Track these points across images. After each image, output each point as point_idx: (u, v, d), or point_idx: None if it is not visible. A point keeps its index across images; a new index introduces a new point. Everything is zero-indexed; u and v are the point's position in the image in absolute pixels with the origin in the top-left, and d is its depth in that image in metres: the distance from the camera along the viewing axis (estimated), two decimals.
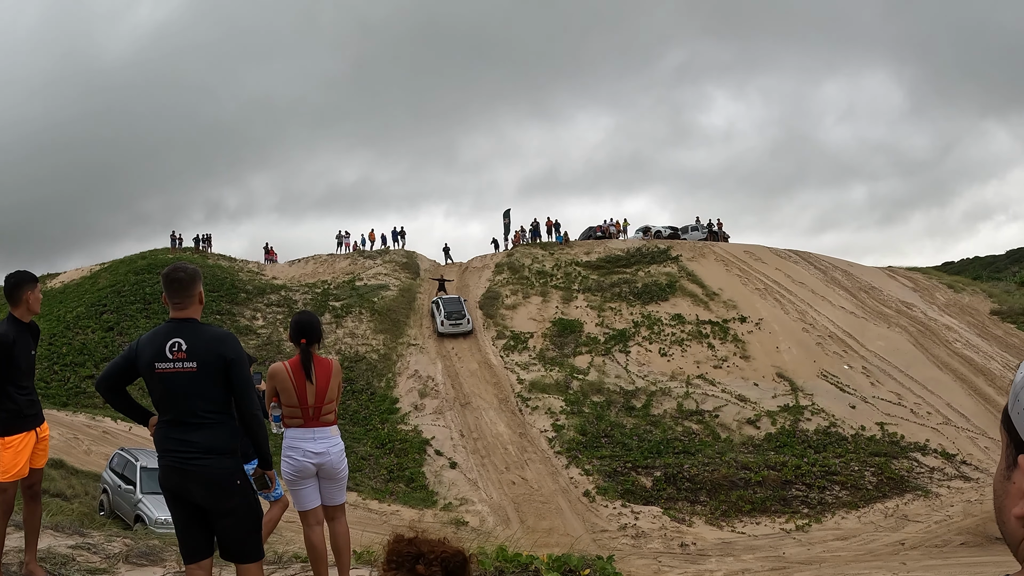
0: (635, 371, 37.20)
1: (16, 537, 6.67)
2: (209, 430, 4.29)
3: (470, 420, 33.69)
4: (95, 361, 39.25)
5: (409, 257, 55.81)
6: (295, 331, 5.70)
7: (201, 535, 4.41)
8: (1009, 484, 1.03)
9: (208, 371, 4.28)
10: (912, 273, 48.55)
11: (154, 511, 17.29)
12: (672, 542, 24.33)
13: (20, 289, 5.54)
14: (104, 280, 49.81)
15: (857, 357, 36.69)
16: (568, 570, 4.71)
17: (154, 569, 6.23)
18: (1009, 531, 1.03)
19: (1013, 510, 1.01)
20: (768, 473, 27.96)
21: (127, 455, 19.88)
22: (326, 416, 5.61)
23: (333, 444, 5.59)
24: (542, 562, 4.85)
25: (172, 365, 4.30)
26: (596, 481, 28.38)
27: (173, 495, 4.41)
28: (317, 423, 5.55)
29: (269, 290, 48.28)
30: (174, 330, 4.40)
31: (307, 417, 5.54)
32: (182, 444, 4.31)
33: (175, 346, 4.32)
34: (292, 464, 5.49)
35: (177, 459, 4.32)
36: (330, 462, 5.55)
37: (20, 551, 6.16)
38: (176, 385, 4.32)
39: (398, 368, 39.40)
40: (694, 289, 44.86)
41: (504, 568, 4.94)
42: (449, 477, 29.56)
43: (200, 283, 4.59)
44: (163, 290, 4.55)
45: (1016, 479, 1.01)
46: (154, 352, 4.35)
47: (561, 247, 53.47)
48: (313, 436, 5.53)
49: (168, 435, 4.38)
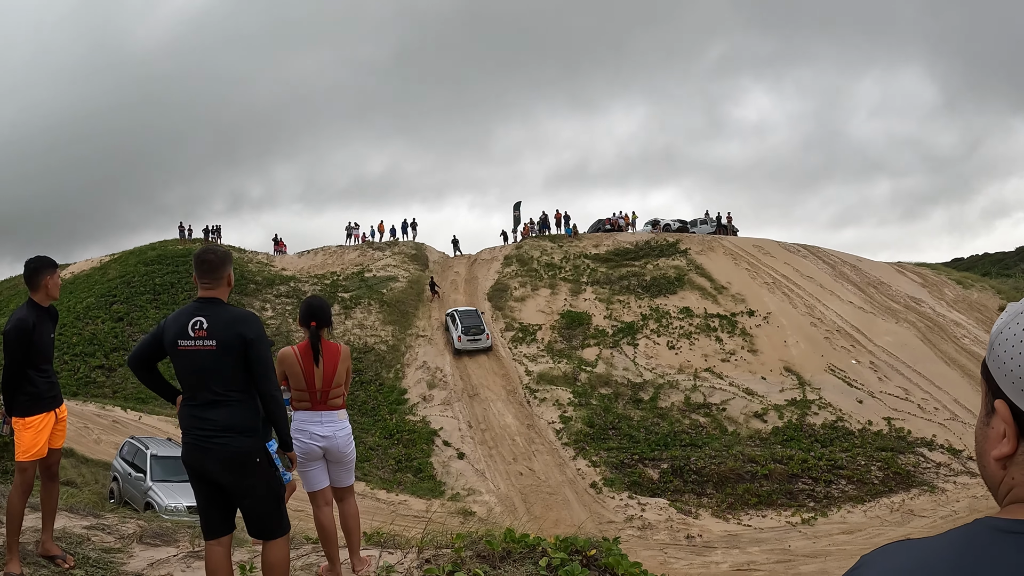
0: (643, 364, 37.25)
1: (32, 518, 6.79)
2: (228, 408, 4.36)
3: (478, 411, 33.80)
4: (104, 351, 39.50)
5: (418, 249, 55.88)
6: (305, 314, 5.77)
7: (220, 513, 4.49)
8: (988, 429, 1.10)
9: (227, 350, 4.35)
10: (921, 269, 48.40)
11: (164, 498, 17.44)
12: (678, 534, 24.41)
13: (39, 274, 5.63)
14: (114, 271, 50.05)
15: (865, 352, 36.65)
16: (574, 550, 4.80)
17: (167, 549, 6.33)
18: (989, 474, 1.11)
19: (992, 452, 1.08)
20: (774, 467, 28.00)
21: (137, 443, 20.04)
22: (334, 400, 5.69)
23: (340, 428, 5.67)
24: (549, 543, 4.93)
25: (193, 343, 4.39)
26: (603, 473, 28.47)
27: (194, 472, 4.50)
28: (324, 407, 5.63)
29: (278, 281, 48.43)
30: (198, 309, 4.49)
31: (314, 401, 5.61)
32: (202, 422, 4.39)
33: (197, 324, 4.41)
34: (298, 446, 5.57)
35: (197, 437, 4.41)
36: (336, 445, 5.62)
37: (36, 531, 6.28)
38: (196, 363, 4.41)
39: (406, 359, 39.53)
40: (702, 283, 44.85)
41: (511, 549, 5.02)
42: (457, 468, 29.68)
43: (230, 266, 4.65)
44: (193, 271, 4.63)
45: (994, 424, 1.09)
46: (178, 330, 4.45)
47: (570, 240, 53.48)
48: (320, 419, 5.61)
49: (190, 413, 4.46)
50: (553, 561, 4.63)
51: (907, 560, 1.05)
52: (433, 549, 5.60)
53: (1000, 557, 0.98)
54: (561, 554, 4.69)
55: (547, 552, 4.80)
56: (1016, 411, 1.04)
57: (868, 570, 1.08)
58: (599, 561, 4.79)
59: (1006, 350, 1.06)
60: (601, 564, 4.77)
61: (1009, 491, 1.07)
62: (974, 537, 1.03)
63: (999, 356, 1.07)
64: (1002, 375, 1.06)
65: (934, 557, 1.03)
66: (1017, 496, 1.05)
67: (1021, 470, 1.05)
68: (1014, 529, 1.01)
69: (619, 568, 4.69)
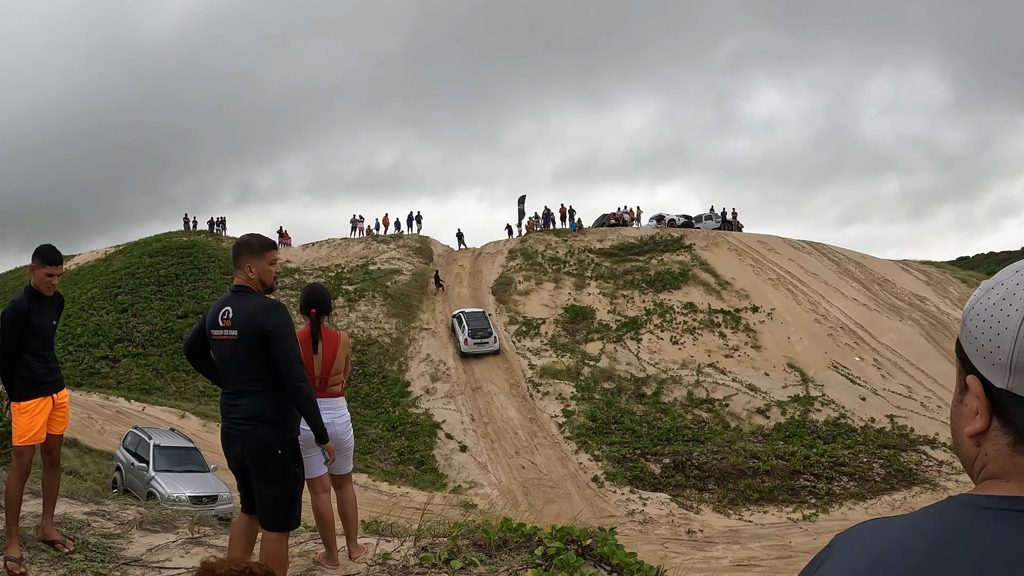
0: (646, 359, 37.25)
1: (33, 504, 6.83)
2: (252, 398, 4.41)
3: (481, 404, 33.84)
4: (109, 342, 39.61)
5: (423, 242, 55.93)
6: (305, 301, 5.80)
7: (248, 494, 4.62)
8: (962, 407, 1.11)
9: (247, 340, 4.37)
10: (926, 267, 48.32)
11: (166, 488, 17.53)
12: (679, 529, 24.43)
13: (32, 263, 5.72)
14: (119, 262, 50.17)
15: (868, 349, 36.61)
16: (570, 540, 4.81)
17: (167, 535, 6.36)
18: (964, 452, 1.11)
19: (965, 430, 1.09)
20: (776, 463, 27.99)
21: (141, 434, 20.13)
22: (332, 387, 5.71)
23: (338, 415, 5.69)
24: (545, 533, 4.95)
25: (222, 332, 4.46)
26: (605, 467, 28.49)
27: (226, 454, 4.61)
28: (323, 394, 5.64)
29: (283, 273, 48.44)
30: (230, 298, 4.57)
31: (313, 388, 5.63)
32: (230, 409, 4.47)
33: (225, 314, 4.48)
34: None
35: (226, 423, 4.51)
36: (335, 432, 5.63)
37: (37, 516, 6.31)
38: (223, 352, 4.50)
39: (410, 352, 39.58)
40: (707, 278, 44.80)
41: (508, 538, 5.04)
42: (459, 460, 29.74)
43: (245, 254, 4.64)
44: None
45: (967, 401, 1.09)
46: (211, 319, 4.55)
47: (574, 234, 53.43)
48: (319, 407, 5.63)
49: (223, 399, 4.57)
50: (549, 550, 4.64)
51: (880, 537, 1.05)
52: (430, 537, 5.62)
53: (974, 532, 0.99)
54: (557, 543, 4.70)
55: (543, 541, 4.81)
56: (988, 386, 1.04)
57: (841, 547, 1.09)
58: (594, 551, 4.81)
59: (977, 325, 1.06)
60: (596, 554, 4.79)
61: (983, 467, 1.07)
62: (948, 513, 1.03)
63: (971, 332, 1.07)
64: (973, 350, 1.06)
65: (908, 533, 1.03)
66: (991, 472, 1.06)
67: (994, 446, 1.05)
68: (987, 504, 1.01)
69: (614, 558, 4.71)
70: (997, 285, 1.07)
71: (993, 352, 1.03)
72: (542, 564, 4.53)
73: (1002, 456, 1.04)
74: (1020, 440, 1.02)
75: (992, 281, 1.09)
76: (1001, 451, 1.04)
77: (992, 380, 1.03)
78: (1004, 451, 1.04)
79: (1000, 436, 1.04)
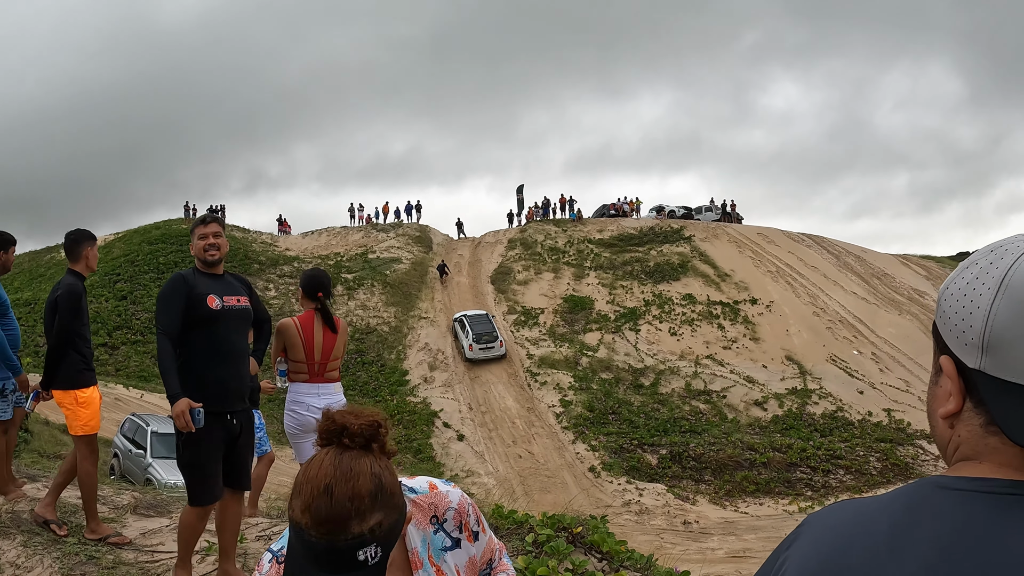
0: (644, 349, 37.27)
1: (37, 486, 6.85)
2: None
3: (479, 393, 33.88)
4: (108, 329, 39.59)
5: (422, 231, 55.89)
6: (312, 286, 5.78)
7: None
8: (936, 388, 1.10)
9: None
10: (925, 261, 48.32)
11: (164, 475, 17.53)
12: (675, 519, 24.46)
13: (80, 245, 5.77)
14: (118, 249, 50.11)
15: (867, 343, 36.63)
16: (561, 527, 4.82)
17: (161, 520, 6.38)
18: (938, 434, 1.11)
19: (938, 411, 1.08)
20: (773, 455, 28.04)
21: (138, 420, 20.13)
22: (331, 372, 5.71)
23: (336, 400, 5.69)
24: (536, 520, 4.96)
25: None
26: (602, 457, 28.54)
27: None
28: (322, 379, 5.65)
29: (282, 261, 48.49)
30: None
31: (312, 373, 5.63)
32: None
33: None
34: (295, 418, 5.59)
35: None
36: None
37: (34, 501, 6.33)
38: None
39: (408, 340, 39.59)
40: (706, 270, 44.79)
41: (499, 525, 5.05)
42: (456, 449, 29.78)
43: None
44: None
45: (941, 382, 1.08)
46: None
47: (574, 224, 53.42)
48: (317, 392, 5.63)
49: None
50: (539, 537, 4.65)
51: (849, 516, 1.06)
52: None
53: (937, 513, 0.98)
54: (548, 530, 4.71)
55: (534, 528, 4.82)
56: (961, 367, 1.04)
57: (809, 528, 1.09)
58: (585, 538, 4.82)
59: (951, 305, 1.06)
60: (587, 542, 4.80)
61: (956, 449, 1.07)
62: (916, 494, 1.03)
63: (944, 311, 1.07)
64: (947, 330, 1.06)
65: (875, 513, 1.03)
66: (963, 454, 1.06)
67: (967, 428, 1.05)
68: (957, 486, 1.01)
69: (604, 545, 4.72)
70: (971, 264, 1.06)
71: (965, 332, 1.02)
72: (532, 551, 4.54)
73: (974, 437, 1.04)
74: (992, 421, 1.01)
75: (967, 261, 1.08)
76: (973, 432, 1.04)
77: (965, 360, 1.03)
78: (976, 432, 1.03)
79: (973, 417, 1.04)
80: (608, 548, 4.69)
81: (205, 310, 4.58)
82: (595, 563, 4.61)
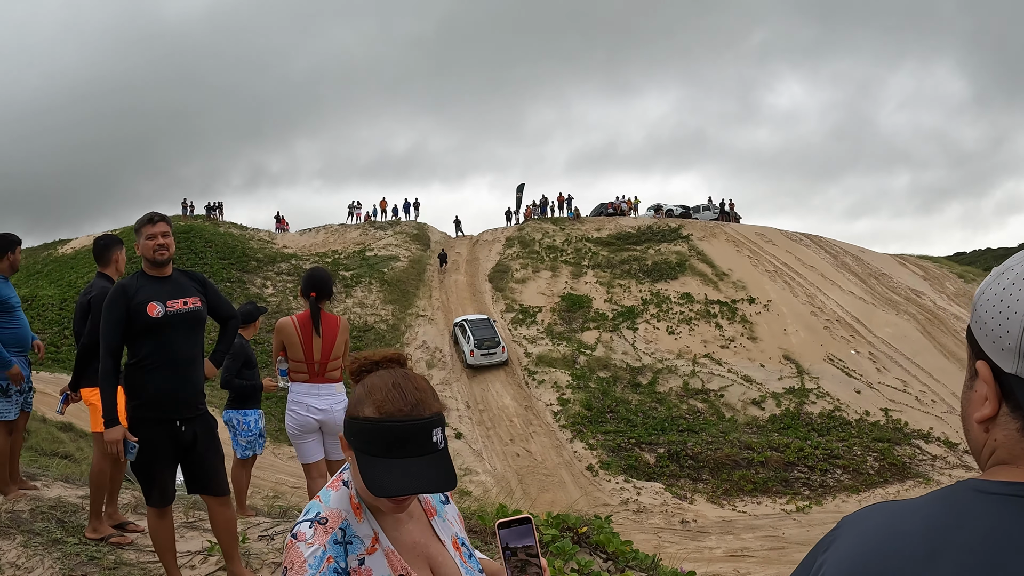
0: (642, 348, 37.29)
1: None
2: None
3: (476, 392, 33.87)
4: None
5: (420, 228, 55.88)
6: (306, 285, 5.77)
7: None
8: (971, 393, 1.10)
9: None
10: (923, 261, 48.37)
11: None
12: (673, 518, 24.49)
13: (110, 250, 6.02)
14: None
15: (864, 343, 36.67)
16: (566, 527, 4.81)
17: None
18: (973, 438, 1.11)
19: (974, 415, 1.08)
20: (771, 454, 28.05)
21: None
22: (331, 372, 5.68)
23: (337, 401, 5.66)
24: (540, 519, 4.95)
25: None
26: (600, 456, 28.55)
27: None
28: (322, 379, 5.62)
29: (279, 259, 48.45)
30: None
31: (312, 372, 5.61)
32: None
33: None
34: (295, 419, 5.57)
35: None
36: (334, 419, 5.61)
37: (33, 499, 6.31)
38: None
39: (406, 338, 39.58)
40: (704, 269, 44.83)
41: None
42: (454, 447, 29.76)
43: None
44: None
45: (977, 387, 1.08)
46: None
47: (572, 222, 53.43)
48: (318, 392, 5.60)
49: None
50: (544, 537, 4.65)
51: (886, 519, 1.06)
52: None
53: (976, 517, 0.98)
54: (552, 530, 4.71)
55: (538, 528, 4.81)
56: (997, 372, 1.04)
57: (847, 530, 1.09)
58: (590, 538, 4.81)
59: (987, 310, 1.06)
60: (592, 541, 4.79)
61: (992, 453, 1.07)
62: (953, 498, 1.03)
63: (980, 317, 1.07)
64: (983, 335, 1.06)
65: (913, 516, 1.03)
66: (999, 458, 1.06)
67: (1003, 432, 1.05)
68: (994, 490, 1.01)
69: (610, 546, 4.71)
70: (1007, 270, 1.06)
71: (1002, 337, 1.02)
72: None
73: (1011, 441, 1.04)
74: None
75: (1003, 267, 1.08)
76: (1010, 436, 1.04)
77: (1001, 365, 1.03)
78: (1012, 436, 1.03)
79: (1009, 422, 1.04)
80: (613, 548, 4.69)
81: (145, 319, 4.46)
82: (601, 563, 4.61)
